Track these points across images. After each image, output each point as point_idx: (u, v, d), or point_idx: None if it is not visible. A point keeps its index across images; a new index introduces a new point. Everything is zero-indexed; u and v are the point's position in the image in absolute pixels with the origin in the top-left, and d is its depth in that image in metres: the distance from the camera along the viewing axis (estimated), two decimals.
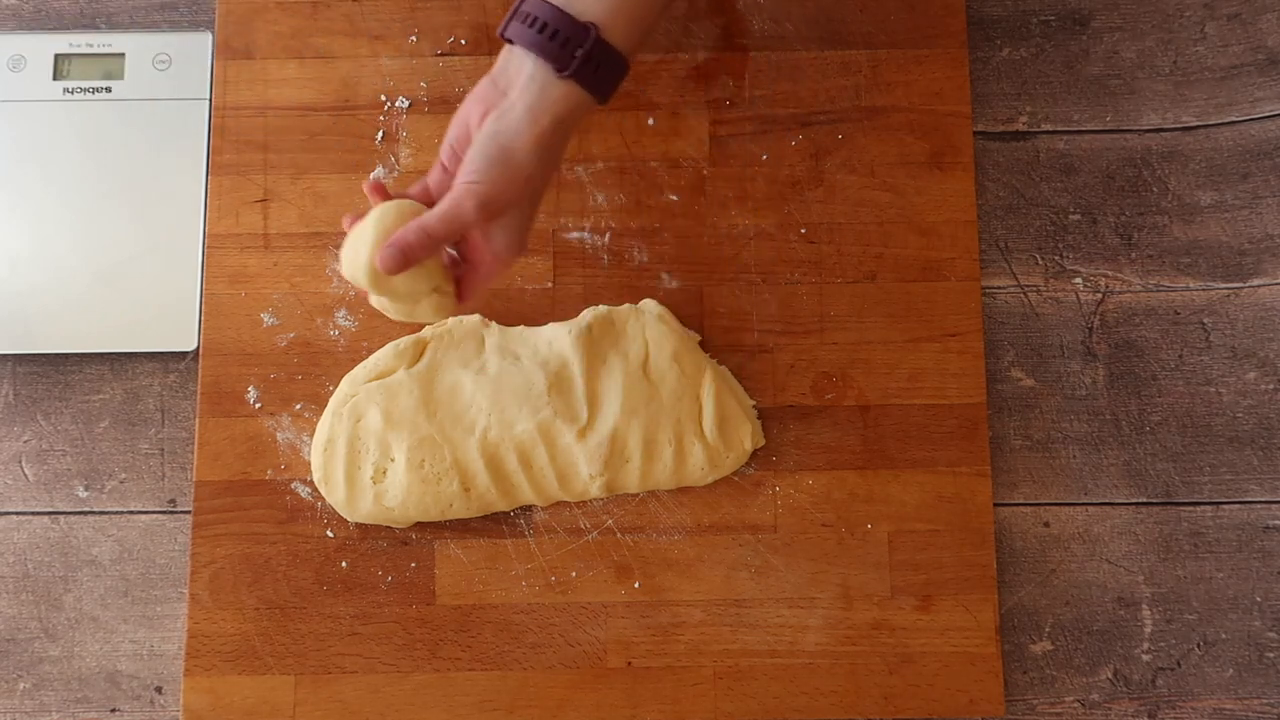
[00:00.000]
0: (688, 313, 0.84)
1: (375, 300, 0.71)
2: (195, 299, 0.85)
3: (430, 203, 0.70)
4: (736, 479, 0.82)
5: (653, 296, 0.84)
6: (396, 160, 0.86)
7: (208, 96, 0.87)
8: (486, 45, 0.88)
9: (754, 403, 0.83)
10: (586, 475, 0.80)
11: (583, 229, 0.85)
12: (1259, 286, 0.86)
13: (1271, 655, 0.83)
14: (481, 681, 0.81)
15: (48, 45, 0.88)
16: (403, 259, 0.66)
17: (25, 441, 0.85)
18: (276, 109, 0.87)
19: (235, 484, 0.82)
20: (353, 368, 0.83)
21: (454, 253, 0.73)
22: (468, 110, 0.68)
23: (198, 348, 0.84)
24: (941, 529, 0.82)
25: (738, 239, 0.85)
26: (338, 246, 0.85)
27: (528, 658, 0.81)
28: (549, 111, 0.66)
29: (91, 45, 0.88)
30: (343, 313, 0.84)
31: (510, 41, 0.67)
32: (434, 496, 0.80)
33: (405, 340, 0.82)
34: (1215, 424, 0.85)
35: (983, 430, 0.83)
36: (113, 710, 0.82)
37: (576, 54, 0.65)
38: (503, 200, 0.66)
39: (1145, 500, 0.84)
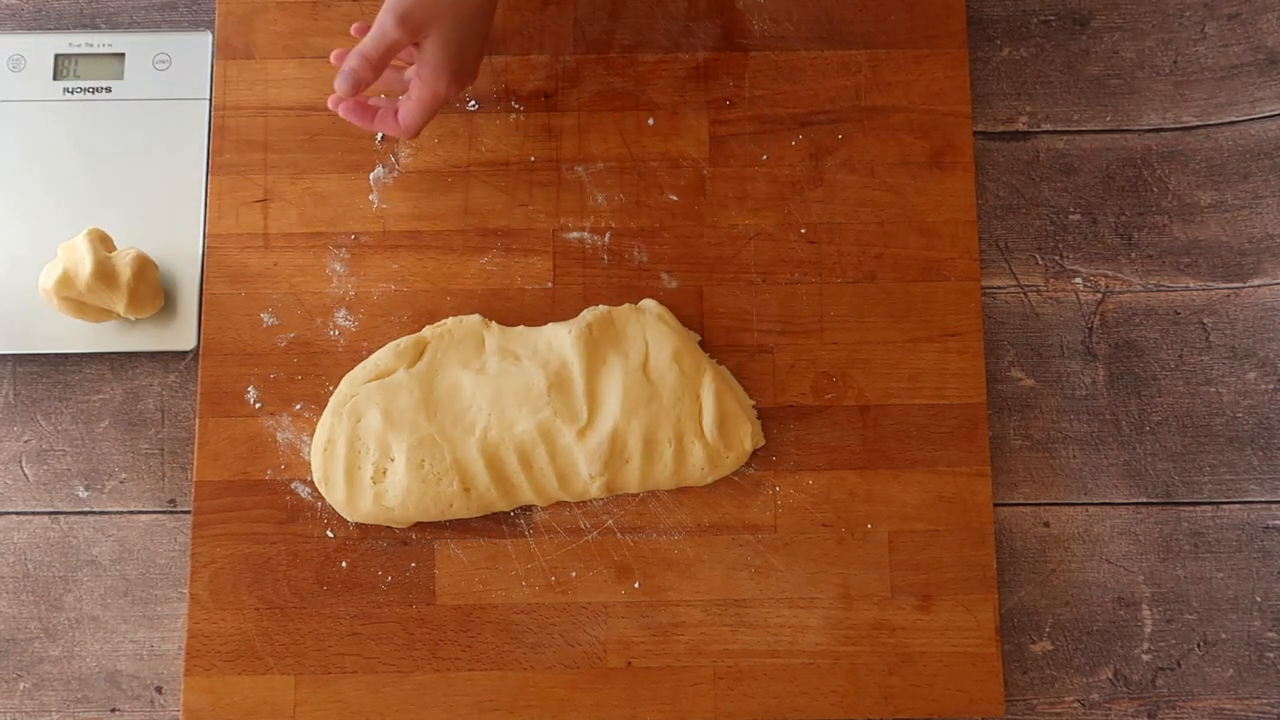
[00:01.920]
0: (688, 313, 0.84)
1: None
2: (195, 299, 0.85)
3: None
4: (736, 479, 0.82)
5: (653, 296, 0.84)
6: (396, 160, 0.86)
7: (208, 96, 0.87)
8: (486, 45, 0.87)
9: (754, 403, 0.83)
10: (586, 475, 0.80)
11: (583, 229, 0.85)
12: (1259, 286, 0.86)
13: (1271, 655, 0.83)
14: (481, 681, 0.81)
15: (48, 45, 0.88)
16: (354, 81, 0.74)
17: (25, 441, 0.85)
18: (276, 109, 0.87)
19: (235, 484, 0.82)
20: (353, 368, 0.83)
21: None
22: None
23: (197, 347, 0.84)
24: (941, 529, 0.82)
25: (738, 239, 0.85)
26: (338, 246, 0.85)
27: (528, 658, 0.81)
28: None
29: (91, 45, 0.88)
30: (343, 313, 0.84)
31: None
32: (434, 496, 0.80)
33: (405, 340, 0.82)
34: (1215, 424, 0.85)
35: (983, 430, 0.83)
36: (113, 710, 0.82)
37: None
38: (417, 12, 0.72)
39: (1145, 500, 0.84)
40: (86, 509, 0.84)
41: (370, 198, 0.86)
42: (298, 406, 0.83)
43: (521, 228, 0.85)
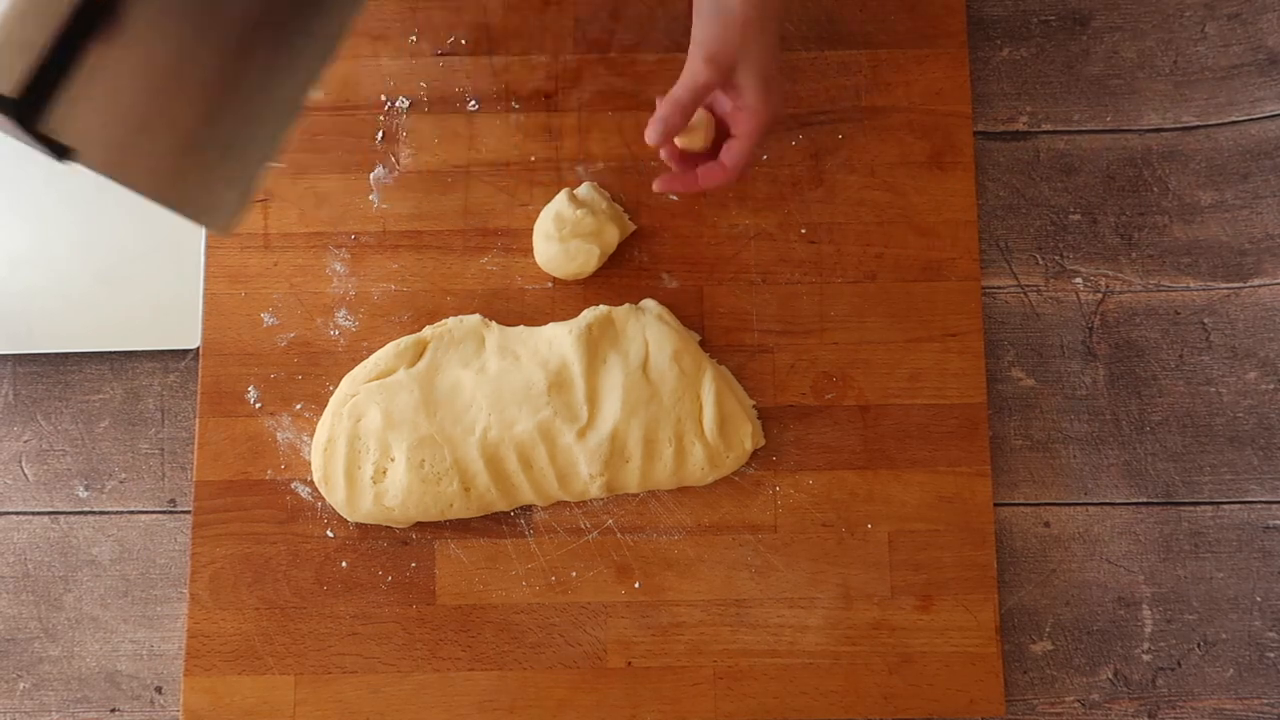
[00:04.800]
0: (688, 313, 0.84)
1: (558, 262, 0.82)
2: (196, 298, 0.85)
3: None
4: (736, 479, 0.82)
5: (653, 296, 0.84)
6: (396, 160, 0.86)
7: None
8: (486, 45, 0.88)
9: (754, 403, 0.83)
10: (586, 475, 0.80)
11: None
12: (1259, 286, 0.86)
13: (1271, 655, 0.83)
14: (481, 681, 0.81)
15: None
16: (665, 128, 0.71)
17: (25, 441, 0.85)
18: None
19: (235, 484, 0.82)
20: (353, 368, 0.83)
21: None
22: None
23: (198, 347, 0.84)
24: (941, 529, 0.82)
25: (738, 239, 0.85)
26: (338, 246, 0.85)
27: (528, 658, 0.81)
28: None
29: None
30: (343, 313, 0.84)
31: None
32: (434, 496, 0.80)
33: (405, 340, 0.82)
34: (1215, 424, 0.85)
35: (983, 430, 0.83)
36: (113, 710, 0.82)
37: None
38: (726, 51, 0.69)
39: (1145, 500, 0.84)
40: (86, 509, 0.84)
41: (370, 198, 0.86)
42: (298, 406, 0.83)
43: (522, 228, 0.85)
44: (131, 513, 0.84)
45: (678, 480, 0.81)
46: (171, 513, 0.84)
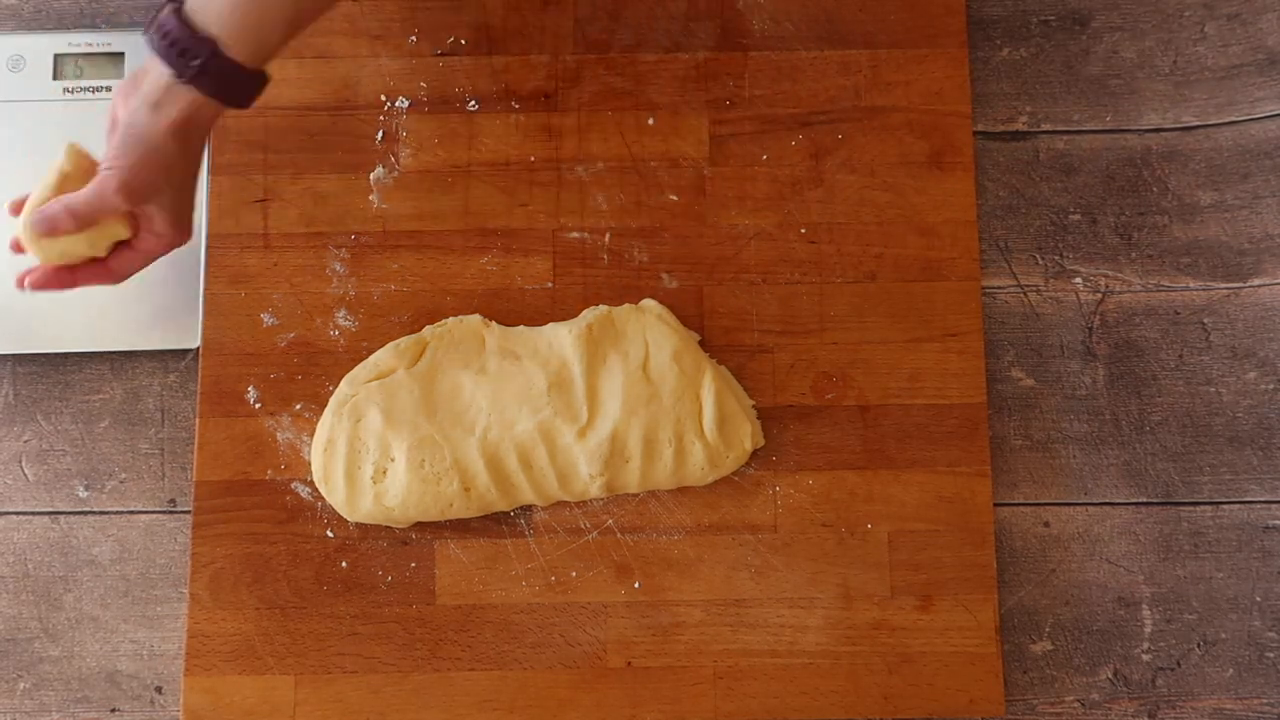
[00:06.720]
0: (688, 313, 0.84)
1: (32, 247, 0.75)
2: (196, 298, 0.85)
3: None
4: (736, 479, 0.82)
5: (653, 296, 0.84)
6: (396, 160, 0.86)
7: None
8: (486, 45, 0.88)
9: (754, 403, 0.83)
10: (586, 475, 0.80)
11: (583, 229, 0.85)
12: (1259, 286, 0.86)
13: (1271, 655, 0.83)
14: (481, 681, 0.81)
15: (48, 45, 0.88)
16: (49, 228, 0.72)
17: (25, 441, 0.85)
18: (276, 109, 0.87)
19: (235, 484, 0.82)
20: (353, 368, 0.83)
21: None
22: (115, 100, 0.73)
23: (198, 347, 0.84)
24: (941, 529, 0.82)
25: (738, 239, 0.85)
26: (338, 246, 0.85)
27: (528, 658, 0.81)
28: (175, 106, 0.71)
29: (91, 45, 0.88)
30: (343, 313, 0.84)
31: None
32: (434, 496, 0.80)
33: (405, 340, 0.82)
34: (1215, 424, 0.85)
35: (983, 430, 0.83)
36: (113, 710, 0.82)
37: (193, 64, 0.70)
38: (142, 183, 0.72)
39: (1145, 500, 0.84)
40: (86, 509, 0.84)
41: (370, 198, 0.86)
42: (298, 406, 0.83)
43: (521, 228, 0.85)
44: (131, 513, 0.84)
45: (678, 480, 0.81)
46: (171, 513, 0.84)
